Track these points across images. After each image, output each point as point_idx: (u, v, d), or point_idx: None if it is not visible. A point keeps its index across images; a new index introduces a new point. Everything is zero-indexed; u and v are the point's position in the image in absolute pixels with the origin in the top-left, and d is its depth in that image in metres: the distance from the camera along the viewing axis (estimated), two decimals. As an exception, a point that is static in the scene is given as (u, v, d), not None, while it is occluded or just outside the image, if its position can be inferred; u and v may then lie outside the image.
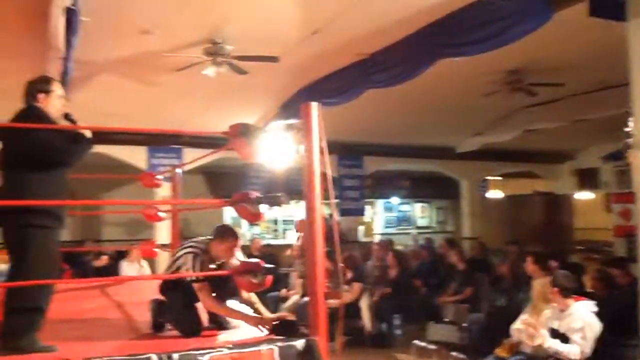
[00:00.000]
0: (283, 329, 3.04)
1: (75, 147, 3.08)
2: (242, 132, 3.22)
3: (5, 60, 6.39)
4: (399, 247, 10.99)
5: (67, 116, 3.28)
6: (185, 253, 3.39)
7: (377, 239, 13.62)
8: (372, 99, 7.32)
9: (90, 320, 3.80)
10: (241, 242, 3.49)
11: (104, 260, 8.98)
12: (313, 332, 2.95)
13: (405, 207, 17.02)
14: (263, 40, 6.11)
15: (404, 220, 17.00)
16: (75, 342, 3.00)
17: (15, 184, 2.92)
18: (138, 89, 7.80)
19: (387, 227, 16.61)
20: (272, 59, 6.31)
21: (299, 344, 2.89)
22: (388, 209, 16.82)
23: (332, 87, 7.33)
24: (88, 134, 3.18)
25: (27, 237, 2.88)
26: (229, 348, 2.76)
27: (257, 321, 3.25)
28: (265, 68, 6.62)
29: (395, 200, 16.67)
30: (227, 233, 3.45)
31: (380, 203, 16.62)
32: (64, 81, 6.01)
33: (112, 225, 12.49)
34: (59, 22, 4.69)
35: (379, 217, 16.70)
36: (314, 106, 3.16)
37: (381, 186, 15.51)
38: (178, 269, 3.36)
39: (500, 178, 15.66)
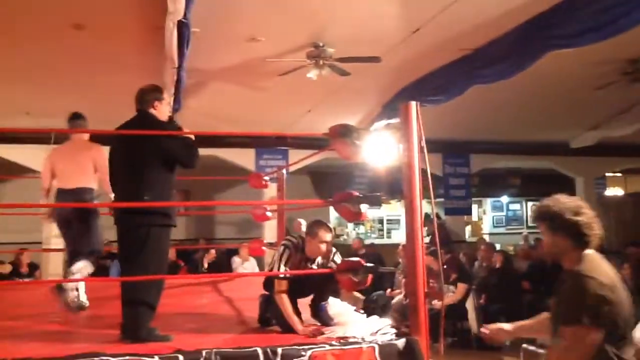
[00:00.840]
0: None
1: (195, 150, 3.28)
2: (342, 132, 3.28)
3: (126, 73, 6.92)
4: (508, 248, 10.59)
5: (172, 121, 3.50)
6: (279, 247, 3.51)
7: (485, 239, 13.21)
8: (477, 95, 7.13)
9: (202, 314, 4.03)
10: (331, 237, 3.46)
11: (212, 255, 9.41)
12: (414, 332, 2.94)
13: (515, 206, 16.38)
14: (364, 41, 6.15)
15: (514, 219, 16.37)
16: (188, 333, 3.20)
17: (137, 185, 3.16)
18: (245, 94, 8.12)
19: (495, 226, 16.06)
20: (374, 59, 6.33)
21: (400, 342, 2.90)
22: (497, 208, 16.26)
23: (436, 84, 7.22)
24: (192, 137, 3.38)
25: (145, 236, 3.11)
26: (331, 345, 2.83)
27: (302, 330, 3.18)
28: (367, 68, 6.66)
29: (504, 199, 16.09)
30: (316, 228, 3.45)
31: (488, 202, 16.11)
32: (178, 89, 6.41)
33: (224, 224, 13.08)
34: (172, 35, 5.00)
35: (488, 217, 16.19)
36: (413, 105, 3.16)
37: (489, 184, 15.03)
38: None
39: (619, 175, 14.62)
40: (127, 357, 2.61)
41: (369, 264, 3.13)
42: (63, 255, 9.84)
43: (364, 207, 3.23)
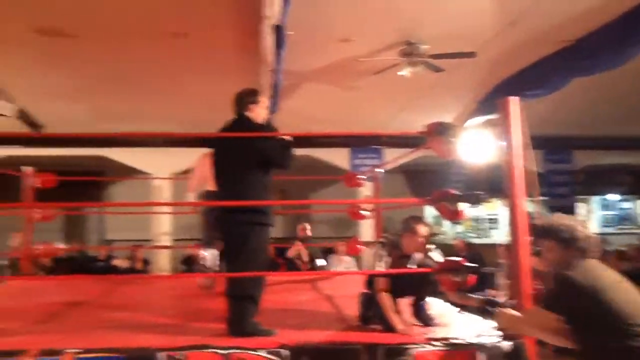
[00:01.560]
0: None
1: (290, 152, 3.38)
2: (438, 130, 3.25)
3: (224, 78, 7.21)
4: (621, 248, 9.95)
5: (268, 123, 3.60)
6: (376, 245, 3.52)
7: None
8: (579, 87, 6.80)
9: (303, 310, 4.12)
10: (428, 231, 3.44)
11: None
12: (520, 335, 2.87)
13: (626, 205, 15.34)
14: (458, 36, 6.04)
15: (626, 219, 15.33)
16: (291, 329, 3.28)
17: (237, 186, 3.29)
18: (338, 94, 8.21)
19: (605, 226, 15.12)
20: (469, 55, 6.21)
21: (506, 345, 2.83)
22: (606, 206, 15.30)
23: (533, 78, 6.95)
24: (289, 138, 3.48)
25: (247, 233, 3.25)
26: (434, 345, 2.81)
27: (403, 329, 3.17)
28: (461, 64, 6.54)
29: (614, 196, 15.11)
30: (413, 223, 3.43)
31: (595, 200, 15.21)
32: (274, 92, 6.59)
33: (320, 223, 13.25)
34: (268, 39, 5.16)
35: (595, 216, 15.28)
36: (513, 100, 3.07)
37: (596, 182, 14.18)
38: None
39: None
40: (234, 350, 2.73)
41: (470, 264, 3.08)
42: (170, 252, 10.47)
43: (463, 206, 3.19)
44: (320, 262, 8.60)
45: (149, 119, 9.39)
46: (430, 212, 11.71)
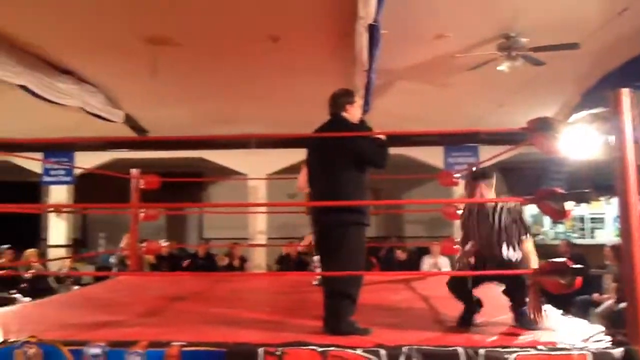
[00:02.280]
0: None
1: (385, 151, 3.36)
2: (541, 126, 3.11)
3: (318, 79, 7.29)
4: None
5: (363, 123, 3.59)
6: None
7: None
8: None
9: (399, 309, 4.09)
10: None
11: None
12: (633, 341, 2.68)
13: None
14: (560, 27, 5.75)
15: None
16: (387, 329, 3.26)
17: (333, 186, 3.31)
18: (432, 91, 8.07)
19: None
20: (572, 46, 5.89)
21: (617, 352, 2.65)
22: None
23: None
24: (383, 137, 3.45)
25: (345, 233, 3.26)
26: (537, 349, 2.69)
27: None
28: (563, 56, 6.21)
29: None
30: None
31: None
32: (367, 91, 6.58)
33: (413, 222, 13.11)
34: (363, 39, 5.16)
35: None
36: (624, 92, 2.87)
37: None
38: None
39: None
40: (332, 348, 2.74)
41: (576, 266, 2.92)
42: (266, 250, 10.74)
43: (568, 205, 3.03)
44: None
45: (245, 121, 9.69)
46: (529, 210, 11.25)
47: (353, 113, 3.53)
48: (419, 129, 10.33)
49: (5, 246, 8.93)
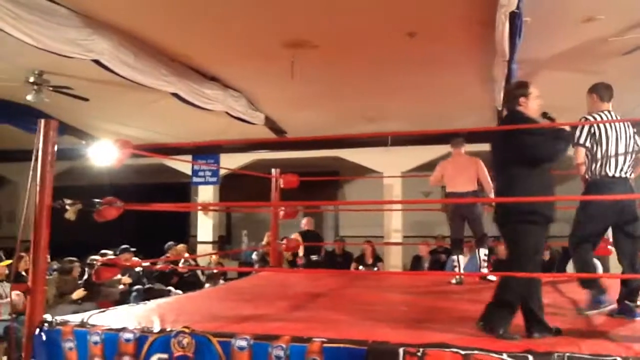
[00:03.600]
0: None
1: (559, 144, 3.16)
2: None
3: (455, 72, 7.10)
4: None
5: (545, 115, 3.40)
6: None
7: None
8: None
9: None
10: None
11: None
12: None
13: None
14: None
15: None
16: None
17: (507, 183, 3.21)
18: (578, 79, 7.43)
19: None
20: None
21: None
22: None
23: None
24: (567, 129, 3.25)
25: (514, 232, 3.15)
26: None
27: None
28: None
29: None
30: None
31: None
32: (508, 83, 6.28)
33: (560, 221, 12.28)
34: (504, 28, 4.92)
35: None
36: None
37: None
38: None
39: None
40: (476, 352, 2.63)
41: None
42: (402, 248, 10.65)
43: None
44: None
45: (383, 119, 9.68)
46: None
47: (529, 106, 3.34)
48: (568, 122, 9.66)
49: (171, 243, 9.69)
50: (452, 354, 2.66)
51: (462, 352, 2.64)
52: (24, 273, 5.88)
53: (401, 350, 2.71)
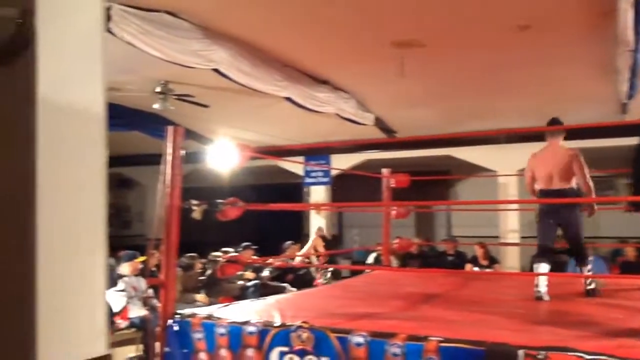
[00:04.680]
0: None
1: None
2: None
3: (571, 65, 6.76)
4: None
5: None
6: None
7: None
8: None
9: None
10: None
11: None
12: None
13: None
14: None
15: None
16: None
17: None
18: None
19: None
20: None
21: None
22: None
23: None
24: None
25: None
26: None
27: None
28: None
29: None
30: None
31: None
32: (634, 73, 5.90)
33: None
34: (627, 16, 4.63)
35: None
36: None
37: None
38: None
39: None
40: (601, 357, 2.52)
41: None
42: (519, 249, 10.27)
43: None
44: None
45: (493, 116, 9.43)
46: None
47: None
48: None
49: (289, 242, 10.04)
50: (576, 358, 2.56)
51: (587, 357, 2.53)
52: (153, 268, 6.36)
53: (521, 352, 2.64)
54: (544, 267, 4.59)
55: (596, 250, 8.49)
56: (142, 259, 6.90)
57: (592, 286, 4.49)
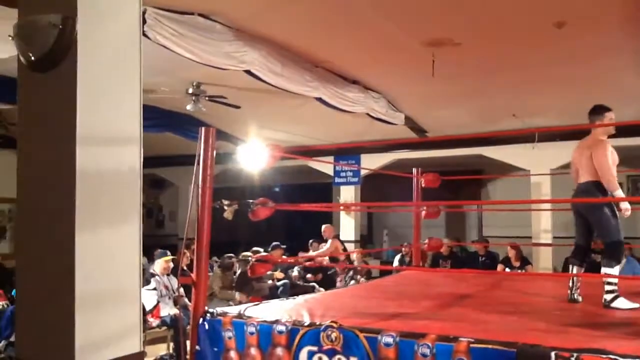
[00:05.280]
0: None
1: None
2: None
3: (606, 61, 6.62)
4: None
5: None
6: None
7: None
8: None
9: None
10: None
11: None
12: None
13: None
14: None
15: None
16: None
17: None
18: None
19: None
20: None
21: None
22: None
23: None
24: None
25: None
26: None
27: None
28: None
29: None
30: None
31: None
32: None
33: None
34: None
35: None
36: None
37: None
38: None
39: None
40: (636, 360, 2.48)
41: None
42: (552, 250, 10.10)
43: None
44: None
45: (529, 115, 9.30)
46: None
47: None
48: None
49: (312, 240, 10.11)
50: (609, 361, 2.52)
51: (621, 360, 2.50)
52: (184, 267, 6.46)
53: (553, 354, 2.61)
54: (576, 268, 4.49)
55: (631, 251, 8.27)
56: (172, 257, 7.02)
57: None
